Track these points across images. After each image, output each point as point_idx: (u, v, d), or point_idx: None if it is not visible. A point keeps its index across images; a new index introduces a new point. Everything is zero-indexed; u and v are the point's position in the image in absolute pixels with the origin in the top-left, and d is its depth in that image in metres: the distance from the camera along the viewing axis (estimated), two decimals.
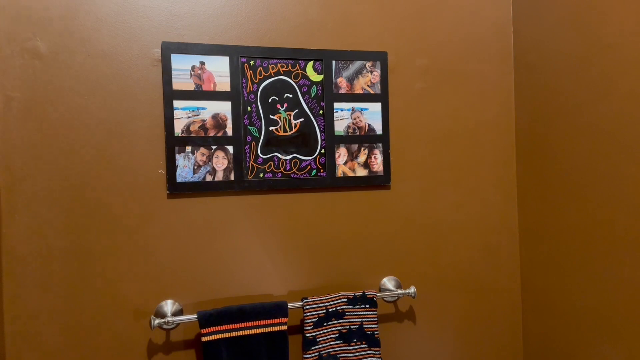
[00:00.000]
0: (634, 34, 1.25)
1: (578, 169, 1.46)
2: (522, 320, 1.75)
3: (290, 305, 1.45)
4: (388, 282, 1.62)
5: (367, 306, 1.51)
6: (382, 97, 1.61)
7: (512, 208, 1.75)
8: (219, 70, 1.45)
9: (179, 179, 1.41)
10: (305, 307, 1.45)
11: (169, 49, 1.41)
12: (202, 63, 1.43)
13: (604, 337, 1.39)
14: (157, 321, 1.34)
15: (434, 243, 1.68)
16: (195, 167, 1.43)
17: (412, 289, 1.57)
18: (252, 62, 1.48)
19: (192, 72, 1.43)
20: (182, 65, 1.42)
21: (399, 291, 1.57)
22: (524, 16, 1.68)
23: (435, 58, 1.67)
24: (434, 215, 1.67)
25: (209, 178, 1.44)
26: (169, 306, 1.42)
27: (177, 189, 1.41)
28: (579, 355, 1.49)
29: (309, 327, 1.44)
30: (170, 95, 1.41)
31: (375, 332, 1.51)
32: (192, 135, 1.43)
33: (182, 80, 1.42)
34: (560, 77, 1.52)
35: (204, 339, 1.35)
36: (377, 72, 1.60)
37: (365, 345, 1.50)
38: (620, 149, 1.31)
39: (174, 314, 1.41)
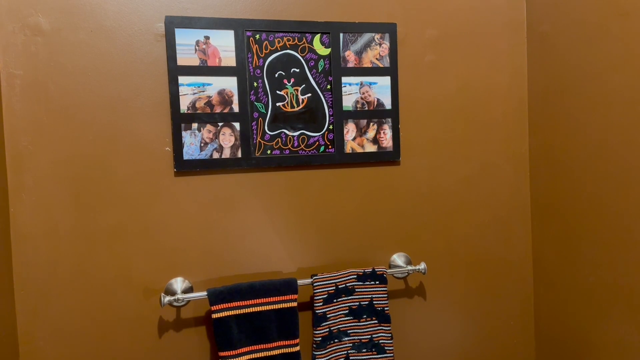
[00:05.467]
0: None
1: (592, 142, 1.42)
2: (534, 295, 1.74)
3: (299, 282, 1.44)
4: (398, 259, 1.61)
5: (377, 282, 1.50)
6: (391, 71, 1.57)
7: (524, 182, 1.72)
8: (224, 44, 1.42)
9: (185, 157, 1.39)
10: (315, 284, 1.44)
11: (172, 24, 1.38)
12: (207, 37, 1.40)
13: (615, 311, 1.37)
14: (167, 299, 1.35)
15: (444, 218, 1.66)
16: (202, 145, 1.41)
17: (422, 265, 1.55)
18: (257, 36, 1.44)
19: (197, 47, 1.40)
20: (186, 40, 1.39)
21: (409, 267, 1.56)
22: None
23: (445, 29, 1.63)
24: (444, 191, 1.65)
25: (215, 155, 1.42)
26: (178, 284, 1.42)
27: (184, 167, 1.39)
28: (591, 330, 1.47)
29: (319, 304, 1.44)
30: (174, 71, 1.38)
31: (386, 308, 1.50)
32: (198, 112, 1.40)
33: (186, 56, 1.39)
34: (574, 46, 1.47)
35: (214, 315, 1.35)
36: (386, 45, 1.56)
37: (376, 321, 1.50)
38: (636, 121, 1.27)
39: (184, 292, 1.41)
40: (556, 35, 1.55)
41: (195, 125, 1.40)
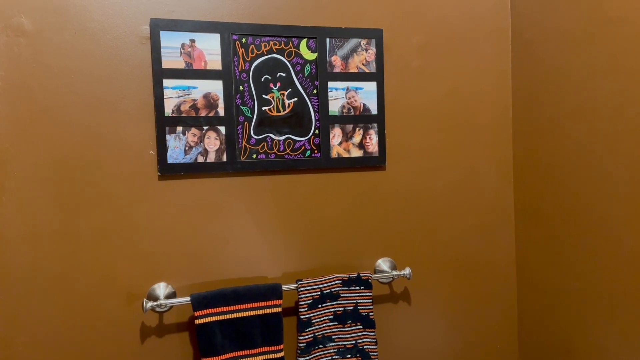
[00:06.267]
0: (636, 7, 1.22)
1: (576, 147, 1.44)
2: (517, 299, 1.75)
3: (284, 287, 1.43)
4: (383, 264, 1.61)
5: (362, 288, 1.50)
6: (377, 76, 1.58)
7: (508, 188, 1.74)
8: (209, 48, 1.41)
9: (169, 160, 1.38)
10: (299, 289, 1.44)
11: (157, 26, 1.37)
12: (192, 41, 1.40)
13: (597, 315, 1.39)
14: (150, 304, 1.33)
15: (430, 224, 1.66)
16: (187, 148, 1.40)
17: (407, 270, 1.56)
18: (243, 40, 1.44)
19: (182, 50, 1.39)
20: (171, 43, 1.38)
21: (394, 272, 1.56)
22: None
23: (431, 35, 1.64)
24: (429, 196, 1.66)
25: (200, 159, 1.41)
26: (161, 289, 1.40)
27: (168, 170, 1.38)
28: (573, 334, 1.49)
29: (304, 309, 1.43)
30: (159, 74, 1.37)
31: (370, 314, 1.50)
32: (183, 115, 1.39)
33: (171, 59, 1.38)
34: (558, 54, 1.49)
35: (197, 321, 1.34)
36: (373, 50, 1.57)
37: (360, 327, 1.50)
38: (619, 127, 1.29)
39: (167, 297, 1.40)
40: (540, 42, 1.56)
41: (179, 129, 1.39)
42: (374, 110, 1.58)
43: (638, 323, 1.26)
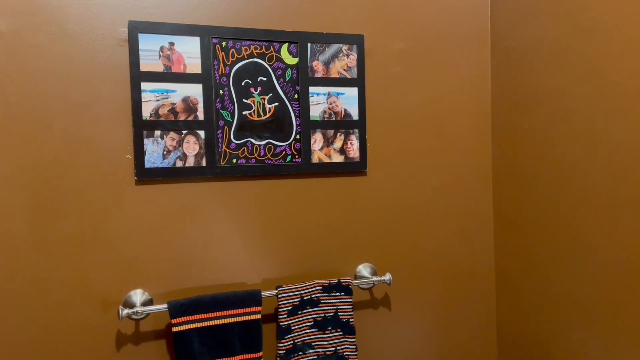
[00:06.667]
0: (613, 18, 1.24)
1: (553, 156, 1.45)
2: (496, 305, 1.76)
3: (264, 293, 1.42)
4: (364, 269, 1.60)
5: (343, 294, 1.49)
6: (358, 82, 1.57)
7: (487, 194, 1.75)
8: (189, 51, 1.39)
9: (147, 165, 1.36)
10: (279, 296, 1.42)
11: (136, 29, 1.35)
12: (172, 44, 1.38)
13: (576, 322, 1.40)
14: (126, 311, 1.30)
15: (410, 229, 1.66)
16: (165, 153, 1.38)
17: (387, 276, 1.55)
18: (224, 44, 1.43)
19: (161, 53, 1.37)
20: (150, 46, 1.36)
21: (375, 278, 1.56)
22: (501, 0, 1.66)
23: (412, 42, 1.65)
24: (409, 202, 1.66)
25: (179, 164, 1.39)
26: (138, 296, 1.37)
27: (145, 175, 1.36)
28: (551, 340, 1.50)
29: (284, 316, 1.42)
30: (137, 76, 1.35)
31: (351, 320, 1.49)
32: (162, 119, 1.37)
33: (150, 62, 1.36)
34: (537, 62, 1.50)
35: (174, 329, 1.31)
36: (354, 56, 1.57)
37: (341, 333, 1.48)
38: (596, 135, 1.30)
39: (144, 304, 1.37)
40: (519, 50, 1.58)
41: (158, 133, 1.37)
42: (355, 115, 1.58)
43: (612, 327, 1.27)
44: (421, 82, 1.66)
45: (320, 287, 1.47)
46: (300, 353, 1.45)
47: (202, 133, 1.41)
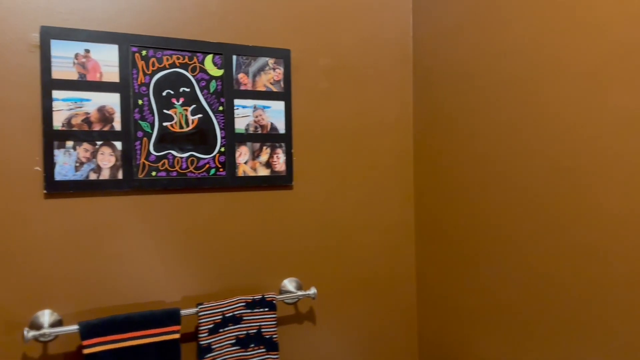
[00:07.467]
0: (527, 41, 1.31)
1: (471, 172, 1.51)
2: (418, 315, 1.80)
3: (184, 312, 1.37)
4: (289, 284, 1.59)
5: (267, 309, 1.47)
6: (285, 96, 1.57)
7: (410, 208, 1.79)
8: (106, 59, 1.33)
9: (57, 177, 1.28)
10: (200, 314, 1.38)
11: (48, 34, 1.27)
12: (87, 51, 1.32)
13: (492, 329, 1.45)
14: (32, 333, 1.21)
15: (335, 243, 1.67)
16: (77, 164, 1.31)
17: (312, 290, 1.55)
18: (144, 52, 1.38)
19: (76, 61, 1.30)
20: (63, 53, 1.29)
21: (300, 293, 1.55)
22: (423, 21, 1.71)
23: (339, 58, 1.66)
24: (335, 216, 1.67)
25: (93, 176, 1.32)
26: (46, 317, 1.29)
27: (55, 188, 1.28)
28: (469, 347, 1.54)
29: (204, 334, 1.38)
30: (48, 84, 1.27)
31: (274, 336, 1.47)
32: (74, 129, 1.30)
33: (63, 69, 1.29)
34: (455, 81, 1.56)
35: (85, 351, 1.24)
36: (280, 70, 1.56)
37: (264, 350, 1.46)
38: (512, 151, 1.36)
39: (52, 325, 1.28)
40: (439, 69, 1.64)
41: (70, 144, 1.30)
42: (281, 129, 1.57)
43: (523, 334, 1.33)
44: (346, 97, 1.68)
45: (244, 304, 1.44)
46: None
47: (118, 144, 1.35)
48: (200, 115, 1.46)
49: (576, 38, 1.16)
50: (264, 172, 1.54)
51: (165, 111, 1.41)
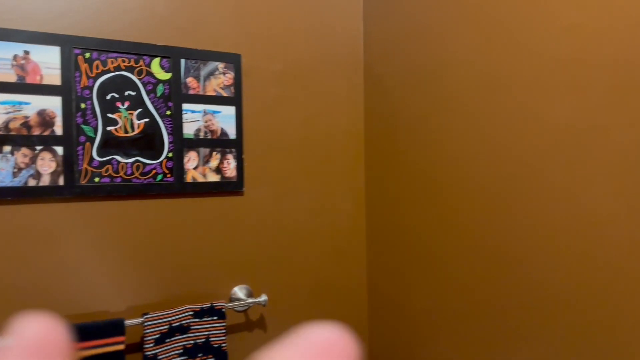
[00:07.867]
0: (471, 52, 1.35)
1: (422, 177, 1.54)
2: (368, 322, 1.81)
3: (128, 322, 1.33)
4: (239, 291, 1.57)
5: (215, 318, 1.44)
6: (235, 101, 1.56)
7: (361, 214, 1.80)
8: (47, 61, 1.29)
9: None
10: (145, 324, 1.34)
11: None
12: (27, 52, 1.26)
13: (440, 335, 1.48)
14: None
15: (286, 249, 1.66)
16: (15, 170, 1.25)
17: (262, 297, 1.53)
18: (87, 55, 1.34)
19: (14, 62, 1.25)
20: (0, 54, 1.23)
21: (250, 300, 1.53)
22: (374, 29, 1.74)
23: (290, 64, 1.66)
24: (286, 222, 1.66)
25: (32, 183, 1.27)
26: None
27: None
28: (420, 356, 1.56)
29: (149, 345, 1.34)
30: None
31: (223, 345, 1.45)
32: (12, 133, 1.25)
33: (0, 71, 1.23)
34: (405, 89, 1.59)
35: None
36: (231, 75, 1.55)
37: (212, 359, 1.43)
38: (461, 158, 1.40)
39: None
40: (389, 77, 1.66)
41: (7, 148, 1.24)
42: (232, 134, 1.55)
43: (473, 339, 1.36)
44: (298, 103, 1.68)
45: (192, 313, 1.42)
46: None
47: (59, 149, 1.30)
48: (146, 120, 1.42)
49: (514, 52, 1.20)
50: (214, 177, 1.52)
51: (109, 115, 1.37)
